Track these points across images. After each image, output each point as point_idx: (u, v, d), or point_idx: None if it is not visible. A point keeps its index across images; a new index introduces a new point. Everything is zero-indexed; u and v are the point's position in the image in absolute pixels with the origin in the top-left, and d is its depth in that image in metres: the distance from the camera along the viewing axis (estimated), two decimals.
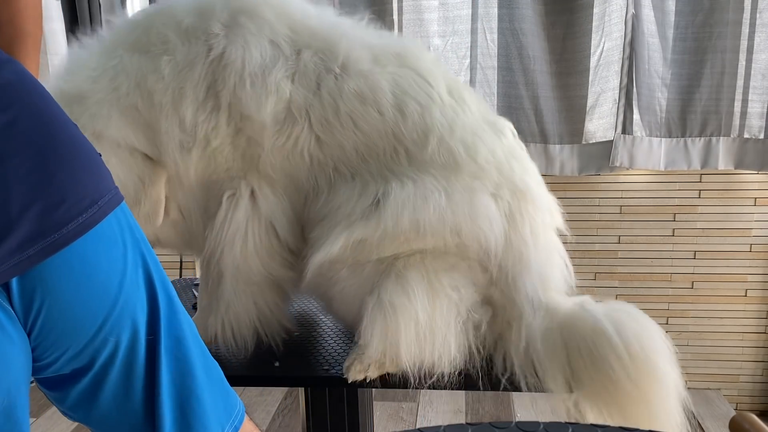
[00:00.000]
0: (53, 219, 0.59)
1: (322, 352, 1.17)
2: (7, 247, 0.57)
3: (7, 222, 0.57)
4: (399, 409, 2.24)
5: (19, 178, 0.59)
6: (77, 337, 0.64)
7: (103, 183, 0.64)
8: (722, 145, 2.04)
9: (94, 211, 0.62)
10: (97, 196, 0.63)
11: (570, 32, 2.01)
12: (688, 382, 2.40)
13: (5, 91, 0.61)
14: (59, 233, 0.59)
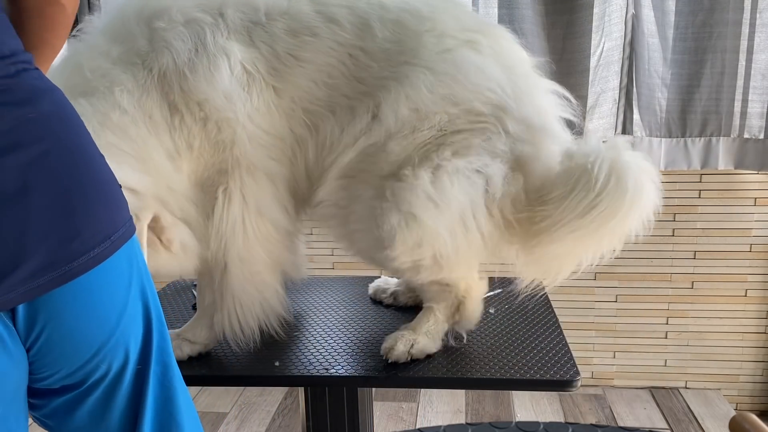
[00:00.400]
0: (66, 251, 0.63)
1: (322, 352, 1.17)
2: (19, 276, 0.61)
3: (22, 251, 0.62)
4: (399, 409, 2.24)
5: (41, 210, 0.63)
6: (73, 359, 0.69)
7: (119, 216, 0.70)
8: (722, 145, 2.04)
9: (107, 245, 0.67)
10: (111, 231, 0.68)
11: (570, 32, 2.01)
12: (688, 383, 2.42)
13: (42, 123, 0.65)
14: (70, 266, 0.64)
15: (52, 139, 0.66)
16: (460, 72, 1.02)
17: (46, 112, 0.66)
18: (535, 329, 1.27)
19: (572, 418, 2.17)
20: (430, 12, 1.05)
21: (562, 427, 0.72)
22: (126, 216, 0.71)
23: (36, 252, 0.62)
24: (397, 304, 1.37)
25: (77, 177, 0.66)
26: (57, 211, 0.64)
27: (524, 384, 1.08)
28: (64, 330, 0.67)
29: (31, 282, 0.63)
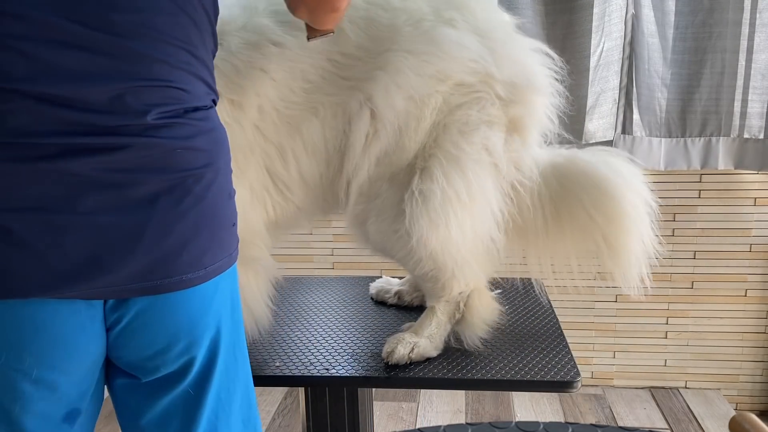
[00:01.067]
0: (164, 269, 0.75)
1: (322, 352, 1.18)
2: (118, 276, 0.73)
3: (131, 256, 0.73)
4: (399, 409, 2.24)
5: (164, 226, 0.74)
6: (140, 353, 0.79)
7: (220, 252, 0.80)
8: (722, 145, 2.04)
9: (200, 274, 0.78)
10: (208, 263, 0.79)
11: (570, 32, 2.01)
12: (687, 382, 2.42)
13: (206, 156, 0.78)
14: (161, 282, 0.75)
15: (209, 173, 0.78)
16: (439, 48, 1.04)
17: (205, 149, 0.78)
18: (535, 329, 1.27)
19: (572, 418, 2.17)
20: (402, 2, 1.06)
21: (562, 427, 0.72)
22: (227, 252, 0.82)
23: (141, 261, 0.74)
24: (401, 304, 1.37)
25: (210, 213, 0.78)
26: (177, 228, 0.75)
27: (524, 385, 1.08)
28: (138, 327, 0.77)
29: (124, 285, 0.74)
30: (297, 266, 2.39)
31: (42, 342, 0.74)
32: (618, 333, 2.32)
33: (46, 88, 0.69)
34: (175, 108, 0.75)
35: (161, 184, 0.74)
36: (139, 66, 0.72)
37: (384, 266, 2.37)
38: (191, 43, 0.78)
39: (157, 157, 0.74)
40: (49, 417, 0.78)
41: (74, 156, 0.70)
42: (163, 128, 0.74)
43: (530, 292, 1.48)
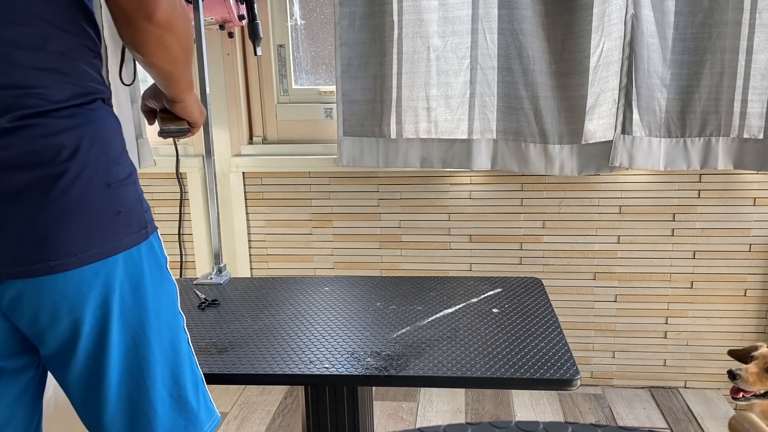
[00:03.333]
0: (31, 255, 0.82)
1: (322, 351, 1.18)
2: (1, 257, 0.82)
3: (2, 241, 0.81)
4: (399, 409, 2.24)
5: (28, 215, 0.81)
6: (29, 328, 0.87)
7: (99, 239, 0.86)
8: (722, 145, 2.04)
9: (69, 260, 0.84)
10: (79, 250, 0.84)
11: (570, 32, 2.01)
12: (687, 382, 2.43)
13: (78, 149, 0.84)
14: (28, 267, 0.82)
15: (74, 166, 0.83)
16: None
17: (68, 144, 0.83)
18: (535, 329, 1.27)
19: (572, 417, 2.17)
20: None
21: (561, 427, 0.72)
22: (109, 240, 0.87)
23: (7, 250, 0.82)
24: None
25: (78, 205, 0.83)
26: (40, 219, 0.82)
27: (524, 383, 1.08)
28: (20, 306, 0.86)
29: (4, 268, 0.82)
30: (297, 266, 2.39)
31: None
32: (617, 333, 2.32)
33: None
34: (32, 111, 0.80)
35: (24, 179, 0.80)
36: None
37: (384, 266, 2.38)
38: (54, 49, 0.82)
39: (15, 155, 0.79)
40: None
41: None
42: (19, 130, 0.80)
43: (530, 291, 1.48)
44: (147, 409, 0.92)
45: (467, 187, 2.27)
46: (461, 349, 1.18)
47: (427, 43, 2.06)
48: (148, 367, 0.92)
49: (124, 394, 0.91)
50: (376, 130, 2.14)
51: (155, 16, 0.85)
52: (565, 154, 2.09)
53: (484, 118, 2.11)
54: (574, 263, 2.28)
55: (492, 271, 2.32)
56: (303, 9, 2.35)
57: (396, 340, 1.23)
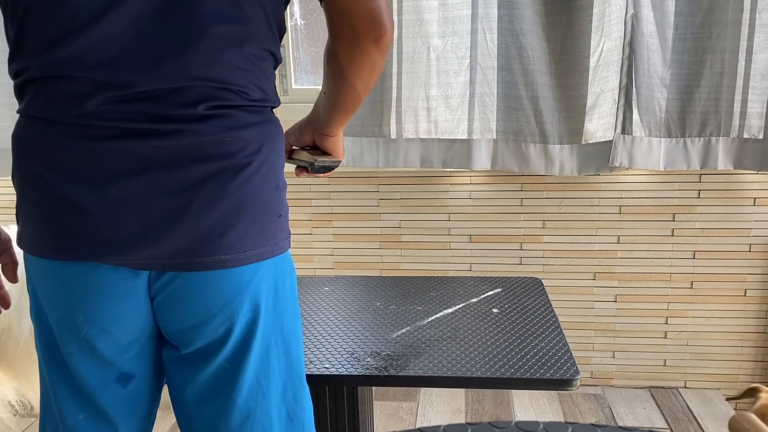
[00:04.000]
0: (203, 248, 0.81)
1: (322, 351, 1.18)
2: (162, 250, 0.80)
3: (173, 232, 0.80)
4: (399, 409, 2.24)
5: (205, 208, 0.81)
6: (180, 324, 0.86)
7: (263, 239, 0.85)
8: (722, 145, 2.04)
9: (239, 256, 0.83)
10: (248, 247, 0.83)
11: (570, 32, 2.01)
12: (687, 382, 2.42)
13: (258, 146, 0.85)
14: (201, 259, 0.81)
15: (256, 161, 0.84)
16: None
17: (254, 140, 0.84)
18: (535, 329, 1.27)
19: (572, 417, 2.17)
20: None
21: (561, 427, 0.72)
22: (271, 241, 0.87)
23: (182, 238, 0.80)
24: None
25: (252, 201, 0.83)
26: (217, 210, 0.81)
27: (524, 383, 1.08)
28: (176, 300, 0.84)
29: (166, 259, 0.81)
30: (297, 266, 2.39)
31: (91, 302, 0.83)
32: (617, 333, 2.32)
33: (118, 78, 0.78)
34: (227, 104, 0.82)
35: (209, 168, 0.80)
36: (201, 71, 0.80)
37: (384, 266, 2.38)
38: (255, 51, 0.84)
39: (206, 142, 0.80)
40: (101, 375, 0.87)
41: (134, 138, 0.78)
42: (213, 118, 0.81)
43: (530, 291, 1.48)
44: (264, 422, 0.90)
45: (467, 187, 2.27)
46: (461, 349, 1.18)
47: (427, 43, 2.06)
48: (275, 379, 0.90)
49: (250, 404, 0.89)
50: (376, 130, 2.14)
51: (383, 39, 0.86)
52: (565, 154, 2.09)
53: (484, 118, 2.11)
54: (574, 263, 2.28)
55: (492, 271, 2.32)
56: (303, 9, 2.35)
57: (396, 340, 1.23)
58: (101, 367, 0.87)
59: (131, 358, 0.88)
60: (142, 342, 0.89)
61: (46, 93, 0.80)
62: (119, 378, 0.88)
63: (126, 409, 0.90)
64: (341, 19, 0.86)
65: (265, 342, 0.88)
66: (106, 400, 0.88)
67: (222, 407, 0.88)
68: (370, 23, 0.85)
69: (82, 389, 0.87)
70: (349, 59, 0.89)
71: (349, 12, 0.84)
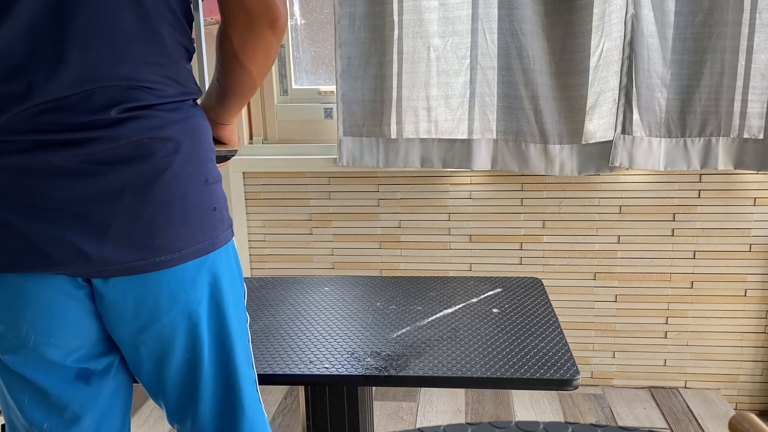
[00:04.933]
0: (140, 252, 0.82)
1: (322, 351, 1.18)
2: (97, 257, 0.80)
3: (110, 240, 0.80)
4: (399, 409, 2.24)
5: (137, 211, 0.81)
6: (123, 327, 0.87)
7: (200, 235, 0.86)
8: (722, 145, 2.04)
9: (174, 256, 0.84)
10: (183, 246, 0.84)
11: (570, 32, 2.01)
12: (687, 382, 2.42)
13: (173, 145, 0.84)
14: (137, 263, 0.82)
15: (177, 160, 0.83)
16: None
17: (172, 138, 0.83)
18: (535, 329, 1.27)
19: (572, 417, 2.17)
20: None
21: (561, 427, 0.72)
22: (209, 236, 0.88)
23: (112, 246, 0.81)
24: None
25: (180, 199, 0.83)
26: (145, 214, 0.81)
27: (524, 383, 1.08)
28: (120, 303, 0.85)
29: (101, 267, 0.81)
30: (296, 266, 2.39)
31: (34, 311, 0.83)
32: (618, 333, 2.32)
33: (22, 89, 0.76)
34: (140, 104, 0.81)
35: (130, 172, 0.80)
36: (107, 70, 0.78)
37: (384, 266, 2.38)
38: (160, 45, 0.83)
39: (124, 147, 0.80)
40: (60, 376, 0.87)
41: (50, 149, 0.77)
42: (128, 121, 0.80)
43: (530, 291, 1.48)
44: (236, 406, 0.94)
45: (467, 187, 2.27)
46: (461, 349, 1.17)
47: (427, 43, 2.06)
48: (235, 363, 0.93)
49: (218, 389, 0.92)
50: (376, 130, 2.14)
51: (278, 22, 0.87)
52: (565, 154, 2.09)
53: (484, 118, 2.11)
54: (574, 263, 2.28)
55: (492, 271, 2.32)
56: (303, 9, 2.35)
57: (396, 340, 1.22)
58: (56, 371, 0.87)
59: (85, 358, 0.89)
60: (92, 342, 0.89)
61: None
62: (79, 375, 0.89)
63: (93, 403, 0.91)
64: (235, 5, 0.85)
65: (215, 330, 0.90)
66: (71, 398, 0.89)
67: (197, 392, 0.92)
68: (264, 7, 0.85)
69: (47, 394, 0.88)
70: (243, 43, 0.88)
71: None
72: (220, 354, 0.92)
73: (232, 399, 0.94)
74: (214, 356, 0.91)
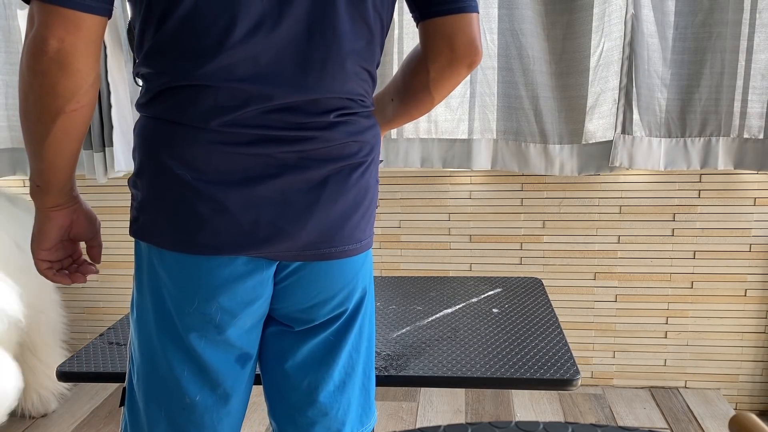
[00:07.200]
0: (332, 240, 0.90)
1: None
2: (297, 244, 0.88)
3: (307, 228, 0.89)
4: (399, 409, 2.24)
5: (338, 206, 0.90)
6: (298, 306, 0.94)
7: (369, 230, 0.95)
8: (722, 145, 2.04)
9: (357, 246, 0.93)
10: (362, 238, 0.93)
11: (570, 32, 2.01)
12: (687, 382, 2.42)
13: (368, 148, 0.94)
14: (328, 251, 0.90)
15: (368, 161, 0.93)
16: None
17: (369, 141, 0.93)
18: (535, 329, 1.27)
19: (572, 417, 2.17)
20: None
21: (561, 427, 0.72)
22: (372, 230, 0.97)
23: (313, 231, 0.89)
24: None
25: (363, 194, 0.92)
26: (339, 204, 0.90)
27: (524, 383, 1.08)
28: (300, 286, 0.92)
29: (299, 251, 0.89)
30: None
31: (227, 292, 0.89)
32: (618, 333, 2.32)
33: (264, 91, 0.84)
34: (350, 111, 0.90)
35: (333, 168, 0.89)
36: (337, 85, 0.88)
37: (384, 266, 2.38)
38: (372, 63, 0.92)
39: (334, 146, 0.89)
40: (226, 357, 0.93)
41: (271, 143, 0.86)
42: (340, 125, 0.89)
43: (530, 291, 1.48)
44: (351, 394, 0.99)
45: (467, 187, 2.27)
46: (461, 349, 1.17)
47: None
48: (362, 354, 0.99)
49: (343, 375, 0.97)
50: None
51: (476, 63, 0.94)
52: (565, 154, 2.09)
53: (484, 118, 2.11)
54: (574, 263, 2.28)
55: (492, 271, 2.32)
56: None
57: (396, 340, 1.22)
58: (226, 350, 0.93)
59: (251, 339, 0.95)
60: (259, 324, 0.96)
61: (190, 101, 0.84)
62: (239, 359, 0.95)
63: (240, 385, 0.97)
64: (443, 43, 0.92)
65: (362, 320, 0.98)
66: (226, 378, 0.94)
67: (321, 378, 0.96)
68: (469, 49, 0.92)
69: (207, 371, 0.93)
70: (439, 78, 0.96)
71: (452, 38, 0.91)
72: (352, 344, 0.98)
73: (347, 386, 0.99)
74: (348, 345, 0.97)
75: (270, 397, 1.01)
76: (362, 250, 0.94)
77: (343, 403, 0.98)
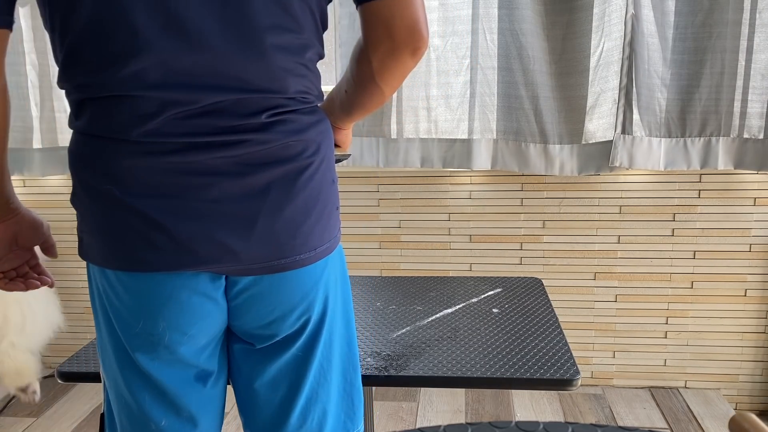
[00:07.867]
0: (281, 251, 0.84)
1: None
2: (247, 257, 0.83)
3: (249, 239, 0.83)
4: (399, 409, 2.24)
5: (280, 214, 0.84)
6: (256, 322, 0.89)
7: (327, 233, 0.89)
8: (722, 145, 2.04)
9: (310, 255, 0.87)
10: (317, 244, 0.87)
11: (570, 32, 2.01)
12: (687, 382, 2.42)
13: (310, 147, 0.87)
14: (278, 262, 0.84)
15: (316, 161, 0.87)
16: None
17: (314, 140, 0.87)
18: (535, 329, 1.27)
19: (572, 417, 2.17)
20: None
21: (561, 427, 0.72)
22: (332, 234, 0.91)
23: (258, 244, 0.83)
24: None
25: (314, 198, 0.87)
26: (286, 212, 0.84)
27: (524, 383, 1.08)
28: (255, 301, 0.87)
29: (246, 265, 0.84)
30: None
31: (173, 309, 0.84)
32: (618, 333, 2.32)
33: (182, 95, 0.79)
34: (286, 109, 0.85)
35: (274, 173, 0.83)
36: (263, 82, 0.82)
37: (384, 266, 2.38)
38: (306, 57, 0.86)
39: (273, 148, 0.83)
40: (183, 376, 0.89)
41: (200, 151, 0.80)
42: (276, 125, 0.83)
43: (530, 291, 1.48)
44: (326, 402, 0.95)
45: (467, 187, 2.27)
46: (461, 349, 1.17)
47: None
48: (336, 362, 0.96)
49: (314, 387, 0.94)
50: (377, 130, 2.14)
51: (420, 50, 0.87)
52: (565, 154, 2.09)
53: (484, 118, 2.11)
54: (574, 263, 2.28)
55: (492, 271, 2.32)
56: None
57: (396, 340, 1.22)
58: (182, 369, 0.89)
59: (207, 356, 0.91)
60: (216, 340, 0.91)
61: (108, 112, 0.80)
62: (198, 376, 0.91)
63: (206, 406, 0.93)
64: (381, 28, 0.85)
65: (330, 329, 0.93)
66: (189, 399, 0.91)
67: (292, 393, 0.92)
68: (410, 34, 0.84)
69: (166, 393, 0.89)
70: (382, 67, 0.88)
71: (390, 22, 0.83)
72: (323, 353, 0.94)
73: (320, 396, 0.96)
74: (319, 355, 0.94)
75: (243, 412, 0.98)
76: (319, 258, 0.88)
77: (317, 413, 0.94)
